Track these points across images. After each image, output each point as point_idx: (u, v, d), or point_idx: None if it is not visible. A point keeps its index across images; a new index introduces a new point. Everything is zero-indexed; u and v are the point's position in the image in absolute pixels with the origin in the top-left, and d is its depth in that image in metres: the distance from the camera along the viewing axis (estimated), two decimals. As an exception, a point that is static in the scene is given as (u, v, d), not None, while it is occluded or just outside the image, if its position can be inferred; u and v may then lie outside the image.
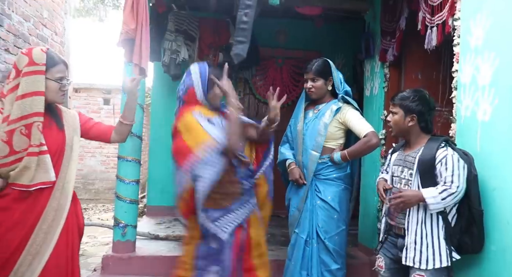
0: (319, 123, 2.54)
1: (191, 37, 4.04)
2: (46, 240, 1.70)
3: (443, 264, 1.92)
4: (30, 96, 1.65)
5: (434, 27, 2.49)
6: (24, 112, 1.65)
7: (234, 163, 2.08)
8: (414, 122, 2.04)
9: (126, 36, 2.26)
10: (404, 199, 1.95)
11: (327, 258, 2.50)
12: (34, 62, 1.67)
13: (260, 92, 5.03)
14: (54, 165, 1.75)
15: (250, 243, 2.17)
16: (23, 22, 3.69)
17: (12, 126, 1.63)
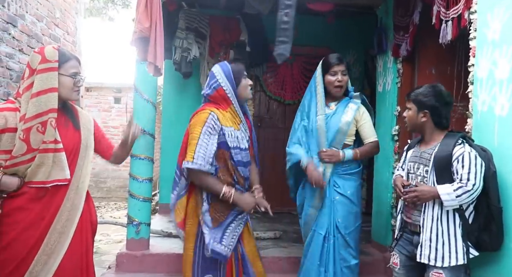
0: (340, 120, 2.51)
1: (202, 35, 4.03)
2: (61, 239, 1.71)
3: (459, 261, 1.90)
4: (44, 94, 1.67)
5: (449, 21, 2.44)
6: (40, 109, 1.66)
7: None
8: (427, 118, 2.02)
9: (140, 34, 2.26)
10: (418, 193, 1.94)
11: (347, 254, 2.48)
12: (47, 60, 1.69)
13: (271, 89, 5.01)
14: (69, 164, 1.76)
15: (246, 255, 2.22)
16: (36, 22, 3.73)
17: (29, 124, 1.65)
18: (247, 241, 2.25)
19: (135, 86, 3.12)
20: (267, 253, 3.34)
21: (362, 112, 2.56)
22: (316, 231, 2.52)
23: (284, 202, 5.02)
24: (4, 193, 1.66)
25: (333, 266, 2.46)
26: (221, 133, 2.08)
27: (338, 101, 2.60)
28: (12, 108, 1.69)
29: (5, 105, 1.72)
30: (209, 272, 2.13)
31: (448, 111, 2.06)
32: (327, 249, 2.47)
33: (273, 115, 5.14)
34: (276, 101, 5.11)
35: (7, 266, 1.63)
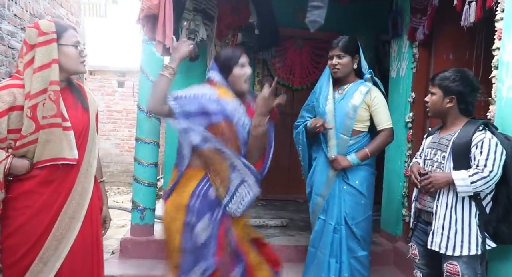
0: (347, 105, 2.41)
1: (210, 17, 3.89)
2: (71, 224, 1.66)
3: (472, 252, 1.83)
4: (47, 67, 1.59)
5: (472, 2, 2.31)
6: (44, 84, 1.59)
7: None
8: (453, 104, 1.94)
9: (148, 12, 2.13)
10: (432, 179, 1.88)
11: (354, 244, 2.42)
12: (44, 32, 1.61)
13: (279, 74, 4.89)
14: (79, 147, 1.68)
15: (241, 244, 2.01)
16: (39, 1, 3.61)
17: (34, 100, 1.56)
18: (240, 229, 2.03)
19: (141, 67, 3.02)
20: (274, 241, 3.29)
21: (373, 96, 2.42)
22: (326, 221, 2.46)
23: (290, 190, 4.97)
24: (11, 176, 1.59)
25: (341, 257, 2.40)
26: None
27: (350, 84, 2.49)
28: (20, 84, 1.60)
29: (12, 81, 1.62)
30: (200, 260, 1.93)
31: (475, 98, 1.98)
32: (337, 239, 2.41)
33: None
34: (284, 87, 4.99)
35: (17, 252, 1.58)
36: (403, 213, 3.22)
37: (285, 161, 4.97)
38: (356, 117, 2.41)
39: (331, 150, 2.46)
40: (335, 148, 2.44)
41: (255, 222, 3.71)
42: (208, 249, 1.92)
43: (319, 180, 2.50)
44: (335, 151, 2.44)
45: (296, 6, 4.74)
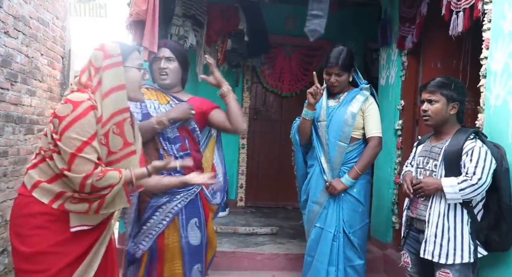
0: (345, 112, 2.42)
1: (199, 23, 3.88)
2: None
3: (464, 260, 1.84)
4: (115, 91, 1.53)
5: (460, 12, 2.35)
6: (112, 110, 1.52)
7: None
8: (455, 111, 1.95)
9: (136, 17, 2.11)
10: (423, 184, 1.91)
11: (351, 253, 2.42)
12: (110, 55, 1.55)
13: (268, 80, 4.89)
14: None
15: (162, 255, 2.06)
16: (23, 4, 3.54)
17: (106, 127, 1.51)
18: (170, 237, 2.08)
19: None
20: (264, 249, 3.26)
21: (369, 103, 2.46)
22: (324, 229, 2.44)
23: (279, 197, 4.96)
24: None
25: (338, 266, 2.39)
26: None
27: (346, 93, 2.51)
28: (95, 106, 1.50)
29: (90, 102, 1.49)
30: (131, 264, 2.09)
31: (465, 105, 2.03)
32: (336, 247, 2.40)
33: (269, 107, 5.02)
34: (273, 94, 4.99)
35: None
36: (393, 220, 3.23)
37: (274, 168, 4.96)
38: (354, 124, 2.42)
39: (326, 173, 2.46)
40: (330, 172, 2.45)
41: (245, 230, 3.68)
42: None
43: (316, 187, 2.49)
44: (330, 175, 2.45)
45: (285, 13, 4.78)
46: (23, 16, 3.52)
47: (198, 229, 2.13)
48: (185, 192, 2.08)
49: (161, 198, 2.04)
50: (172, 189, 2.00)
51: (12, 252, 1.57)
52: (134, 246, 2.05)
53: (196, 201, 2.14)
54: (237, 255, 3.13)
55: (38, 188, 1.50)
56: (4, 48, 3.16)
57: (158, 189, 1.91)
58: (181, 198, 2.07)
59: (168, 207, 2.05)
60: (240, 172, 4.83)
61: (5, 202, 3.11)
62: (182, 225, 2.09)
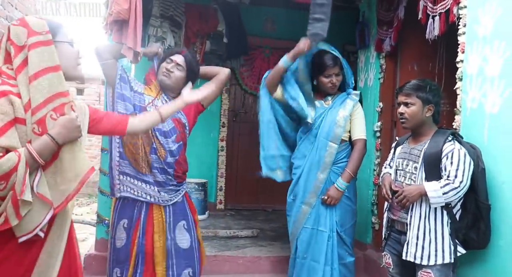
0: (337, 114, 2.49)
1: (177, 24, 3.83)
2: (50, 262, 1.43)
3: (446, 260, 1.88)
4: (46, 73, 1.33)
5: (436, 16, 2.41)
6: (46, 94, 1.33)
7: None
8: (431, 113, 1.98)
9: (117, 16, 2.05)
10: (406, 193, 1.91)
11: (343, 251, 2.47)
12: (36, 32, 1.35)
13: (247, 82, 4.88)
14: None
15: (150, 258, 2.09)
16: (-9, 3, 3.40)
17: (39, 113, 1.33)
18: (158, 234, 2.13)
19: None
20: (245, 252, 3.23)
21: (356, 108, 2.55)
22: (318, 230, 2.46)
23: (259, 199, 4.94)
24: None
25: (333, 264, 2.43)
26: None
27: (335, 96, 2.58)
28: (16, 93, 1.31)
29: (4, 86, 1.30)
30: (116, 265, 2.11)
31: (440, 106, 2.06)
32: (330, 246, 2.43)
33: (248, 109, 5.01)
34: (252, 95, 4.97)
35: None
36: (372, 221, 3.27)
37: (253, 170, 4.90)
38: (345, 126, 2.49)
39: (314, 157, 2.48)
40: (323, 153, 2.47)
41: (225, 233, 3.65)
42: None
43: (305, 188, 2.50)
44: (322, 158, 2.47)
45: (264, 15, 4.78)
46: (-9, 14, 3.38)
47: (187, 232, 2.13)
48: (175, 192, 2.14)
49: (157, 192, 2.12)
50: (163, 183, 2.10)
51: None
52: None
53: (183, 203, 2.14)
54: (219, 258, 3.10)
55: None
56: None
57: (171, 114, 1.91)
58: (168, 197, 2.13)
59: (157, 197, 2.14)
60: (220, 174, 4.79)
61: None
62: (169, 227, 2.10)
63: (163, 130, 2.12)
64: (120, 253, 2.10)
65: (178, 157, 2.17)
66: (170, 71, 2.14)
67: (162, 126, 2.09)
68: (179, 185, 2.19)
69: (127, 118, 1.76)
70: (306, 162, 2.51)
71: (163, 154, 2.11)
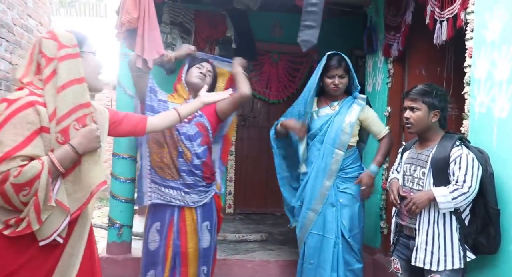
0: (343, 121, 2.49)
1: (187, 30, 3.89)
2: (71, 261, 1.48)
3: (456, 265, 1.87)
4: (72, 85, 1.41)
5: (444, 21, 2.42)
6: (71, 105, 1.40)
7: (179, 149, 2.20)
8: (437, 118, 1.98)
9: (128, 26, 2.11)
10: (414, 200, 1.90)
11: (350, 257, 2.46)
12: (65, 45, 1.43)
13: (255, 87, 4.90)
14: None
15: (185, 258, 2.21)
16: (7, 11, 3.49)
17: (64, 123, 1.39)
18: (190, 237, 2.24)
19: (118, 81, 2.96)
20: (254, 256, 3.25)
21: (366, 112, 2.55)
22: (324, 236, 2.46)
23: (268, 203, 4.96)
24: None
25: (338, 271, 2.43)
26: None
27: (341, 101, 2.57)
28: (42, 103, 1.38)
29: (32, 97, 1.37)
30: (150, 267, 2.20)
31: (447, 111, 2.06)
32: (336, 253, 2.43)
33: (257, 114, 5.04)
34: (260, 100, 5.01)
35: None
36: (381, 225, 3.27)
37: (262, 174, 4.96)
38: (352, 133, 2.49)
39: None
40: (329, 160, 2.49)
41: (234, 237, 3.67)
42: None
43: (311, 194, 2.50)
44: (328, 165, 2.49)
45: (272, 21, 4.83)
46: (6, 23, 3.47)
47: (208, 232, 2.24)
48: (205, 193, 2.25)
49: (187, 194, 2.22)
50: (193, 184, 2.21)
51: None
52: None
53: (211, 204, 2.24)
54: (228, 262, 3.12)
55: None
56: (-12, 55, 3.11)
57: (189, 114, 2.03)
58: (198, 198, 2.23)
59: (188, 199, 2.25)
60: (229, 178, 4.83)
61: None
62: (200, 228, 2.22)
63: (188, 134, 2.22)
64: (154, 255, 2.19)
65: (205, 159, 2.27)
66: (205, 75, 2.29)
67: (186, 130, 2.20)
68: (208, 186, 2.29)
69: (146, 117, 1.82)
70: (312, 169, 2.52)
71: (189, 157, 2.21)
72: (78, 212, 1.43)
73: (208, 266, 2.26)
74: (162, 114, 1.95)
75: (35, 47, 1.45)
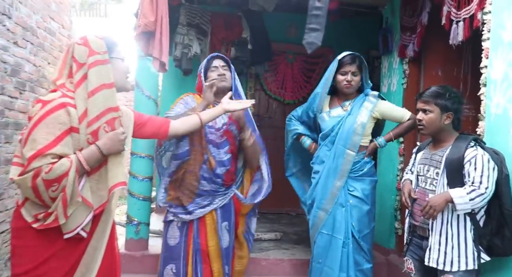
0: (354, 121, 2.48)
1: (203, 31, 3.95)
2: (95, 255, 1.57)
3: (469, 266, 1.86)
4: (102, 90, 1.50)
5: (460, 22, 2.40)
6: (101, 108, 1.49)
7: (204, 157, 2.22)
8: (450, 120, 1.98)
9: (144, 29, 2.17)
10: (431, 203, 1.87)
11: (360, 257, 2.45)
12: (95, 52, 1.51)
13: (271, 88, 4.95)
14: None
15: (206, 256, 2.25)
16: (31, 15, 3.61)
17: (94, 125, 1.48)
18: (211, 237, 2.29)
19: (136, 82, 3.04)
20: (268, 255, 3.28)
21: (380, 105, 2.53)
22: (333, 236, 2.47)
23: (283, 203, 4.98)
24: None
25: (348, 271, 2.42)
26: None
27: (352, 100, 2.56)
28: (73, 104, 1.47)
29: (64, 99, 1.46)
30: (170, 262, 2.24)
31: (462, 113, 2.05)
32: (345, 253, 2.43)
33: (272, 114, 5.07)
34: (276, 101, 5.04)
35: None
36: (395, 226, 3.26)
37: (277, 174, 4.95)
38: (363, 133, 2.48)
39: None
40: (340, 161, 2.51)
41: (249, 235, 3.71)
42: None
43: (322, 194, 2.52)
44: (338, 165, 2.51)
45: (287, 21, 4.85)
46: (31, 26, 3.59)
47: (227, 232, 2.29)
48: (222, 196, 2.27)
49: (203, 201, 2.25)
50: (211, 191, 2.23)
51: None
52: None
53: (230, 205, 2.30)
54: (242, 260, 3.16)
55: (25, 206, 1.48)
56: (13, 58, 3.23)
57: (211, 119, 2.05)
58: (219, 202, 2.26)
59: (208, 209, 2.26)
60: (244, 178, 4.87)
61: (14, 209, 3.15)
62: (220, 228, 2.28)
63: (216, 141, 2.25)
64: (174, 250, 2.24)
65: (230, 167, 2.30)
66: (223, 74, 2.29)
67: (215, 137, 2.24)
68: (227, 190, 2.33)
69: (169, 121, 1.89)
70: (324, 169, 2.53)
71: (213, 165, 2.24)
72: (100, 209, 1.52)
73: (229, 265, 2.31)
74: (185, 118, 1.99)
75: (68, 52, 1.54)
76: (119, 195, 1.60)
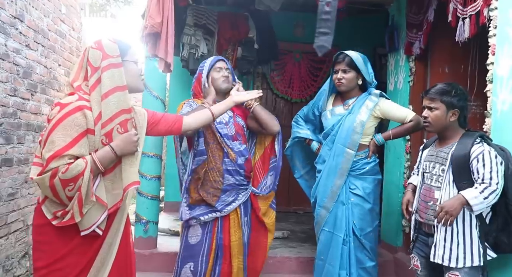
0: (354, 120, 2.48)
1: (210, 32, 3.98)
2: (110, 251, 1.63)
3: (475, 263, 1.86)
4: (115, 92, 1.55)
5: (466, 19, 2.39)
6: (114, 110, 1.55)
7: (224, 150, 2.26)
8: (456, 117, 1.97)
9: (151, 30, 2.21)
10: (446, 208, 1.82)
11: (362, 255, 2.46)
12: (109, 55, 1.57)
13: (278, 87, 4.97)
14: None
15: (228, 251, 2.29)
16: (42, 18, 3.68)
17: (108, 127, 1.54)
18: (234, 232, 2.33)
19: (144, 82, 3.08)
20: (275, 253, 3.30)
21: (382, 105, 2.51)
22: (333, 233, 2.48)
23: (290, 201, 5.00)
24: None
25: (350, 269, 2.43)
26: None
27: (355, 99, 2.56)
28: (89, 107, 1.53)
29: (81, 102, 1.53)
30: (189, 260, 2.27)
31: (468, 110, 2.04)
32: (346, 251, 2.44)
33: (279, 113, 5.09)
34: (283, 99, 5.06)
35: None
36: (403, 224, 3.26)
37: (285, 173, 4.97)
38: (363, 132, 2.47)
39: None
40: (340, 159, 2.51)
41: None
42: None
43: (323, 192, 2.53)
44: (338, 163, 2.51)
45: (294, 20, 4.86)
46: (42, 29, 3.66)
47: (248, 227, 2.38)
48: (245, 191, 2.34)
49: (228, 197, 2.30)
50: (235, 185, 2.30)
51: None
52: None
53: (248, 201, 2.38)
54: (250, 258, 3.18)
55: (45, 204, 1.54)
56: (25, 60, 3.30)
57: (222, 112, 2.10)
58: (242, 198, 2.33)
59: (234, 206, 2.31)
60: (252, 177, 4.90)
61: (27, 208, 3.22)
62: (243, 222, 2.33)
63: (230, 134, 2.32)
64: (195, 248, 2.28)
65: (247, 155, 2.38)
66: (226, 76, 2.35)
67: (228, 131, 2.30)
68: (247, 184, 2.39)
69: (181, 117, 1.94)
70: (325, 167, 2.54)
71: (234, 156, 2.30)
72: (114, 208, 1.58)
73: (244, 261, 2.36)
74: (196, 113, 2.03)
75: (84, 55, 1.60)
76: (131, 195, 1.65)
